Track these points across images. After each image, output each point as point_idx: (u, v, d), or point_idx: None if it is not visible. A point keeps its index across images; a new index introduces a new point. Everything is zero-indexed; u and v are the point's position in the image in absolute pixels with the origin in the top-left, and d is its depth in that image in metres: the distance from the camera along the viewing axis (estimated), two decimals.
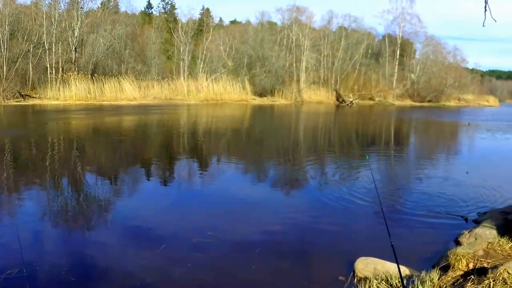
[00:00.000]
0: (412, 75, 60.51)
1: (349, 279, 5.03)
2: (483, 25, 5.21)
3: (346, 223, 7.10)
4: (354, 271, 5.16)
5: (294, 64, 52.00)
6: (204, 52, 48.93)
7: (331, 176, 11.17)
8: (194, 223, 6.94)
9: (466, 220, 7.18)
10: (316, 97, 50.81)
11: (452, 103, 63.73)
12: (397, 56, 59.01)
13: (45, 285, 4.75)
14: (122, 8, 52.04)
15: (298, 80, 51.52)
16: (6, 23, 35.63)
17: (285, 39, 53.57)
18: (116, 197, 8.55)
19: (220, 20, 66.02)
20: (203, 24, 54.67)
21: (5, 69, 34.62)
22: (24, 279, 4.61)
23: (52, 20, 38.25)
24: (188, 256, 5.54)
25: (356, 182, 10.07)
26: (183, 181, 10.31)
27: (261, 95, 47.89)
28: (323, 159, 13.98)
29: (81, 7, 41.33)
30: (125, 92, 38.72)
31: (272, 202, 8.41)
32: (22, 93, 34.86)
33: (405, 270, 5.05)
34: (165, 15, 59.61)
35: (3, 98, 32.85)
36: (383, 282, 4.85)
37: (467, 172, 11.65)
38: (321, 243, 6.20)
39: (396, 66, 59.04)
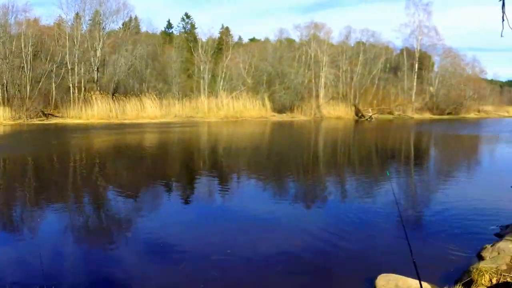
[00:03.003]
0: (431, 88, 59.96)
1: None
2: (501, 35, 5.20)
3: (367, 240, 7.05)
4: None
5: (313, 80, 51.86)
6: (224, 70, 49.22)
7: (352, 192, 11.14)
8: (214, 240, 6.94)
9: None
10: (335, 113, 50.60)
11: (472, 115, 63.02)
12: (416, 70, 58.57)
13: None
14: (143, 28, 52.79)
15: (317, 96, 51.41)
16: (30, 44, 36.46)
17: (303, 56, 53.54)
18: (137, 214, 8.62)
19: (239, 38, 66.37)
20: (222, 43, 55.07)
21: (28, 89, 35.36)
22: None
23: (75, 40, 39.03)
24: (207, 275, 5.55)
25: (377, 198, 10.03)
26: (203, 199, 10.36)
27: (280, 111, 47.89)
28: (343, 175, 13.94)
29: (103, 28, 42.14)
30: (146, 110, 39.15)
31: (291, 219, 8.37)
32: (45, 112, 35.53)
33: (427, 286, 5.01)
34: (185, 35, 60.18)
35: (27, 117, 33.55)
36: None
37: (511, 186, 11.35)
38: (342, 260, 6.17)
39: (415, 80, 58.56)
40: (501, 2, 5.03)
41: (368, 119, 48.45)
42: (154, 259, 6.19)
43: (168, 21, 65.32)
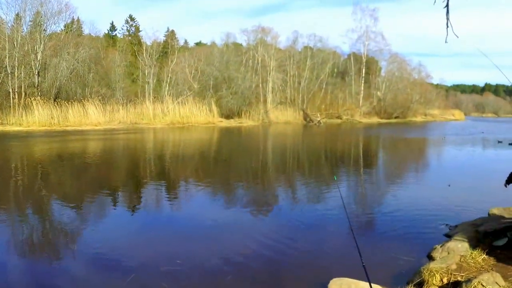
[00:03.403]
0: (378, 92, 61.52)
1: None
2: (446, 41, 5.25)
3: (318, 245, 6.99)
4: None
5: (261, 85, 52.03)
6: (170, 75, 48.65)
7: (301, 197, 11.12)
8: (163, 250, 6.73)
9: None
10: (284, 118, 50.96)
11: (419, 119, 65.16)
12: (363, 74, 59.99)
13: None
14: (86, 31, 51.53)
15: (265, 101, 51.55)
16: None
17: (250, 60, 53.62)
18: (82, 225, 8.22)
19: (185, 42, 66.13)
20: (168, 46, 54.45)
21: None
22: None
23: (15, 43, 37.46)
24: (157, 286, 5.35)
25: (326, 203, 10.03)
26: (151, 207, 10.04)
27: (227, 117, 47.67)
28: (292, 180, 13.91)
29: (44, 30, 40.68)
30: (89, 117, 37.96)
31: (241, 226, 8.22)
32: None
33: None
34: (129, 38, 59.26)
35: None
36: None
37: (449, 185, 11.80)
38: (293, 266, 6.09)
39: (362, 84, 59.98)
40: (446, 8, 5.07)
41: (317, 124, 49.04)
42: (101, 271, 5.91)
43: (112, 24, 64.33)
